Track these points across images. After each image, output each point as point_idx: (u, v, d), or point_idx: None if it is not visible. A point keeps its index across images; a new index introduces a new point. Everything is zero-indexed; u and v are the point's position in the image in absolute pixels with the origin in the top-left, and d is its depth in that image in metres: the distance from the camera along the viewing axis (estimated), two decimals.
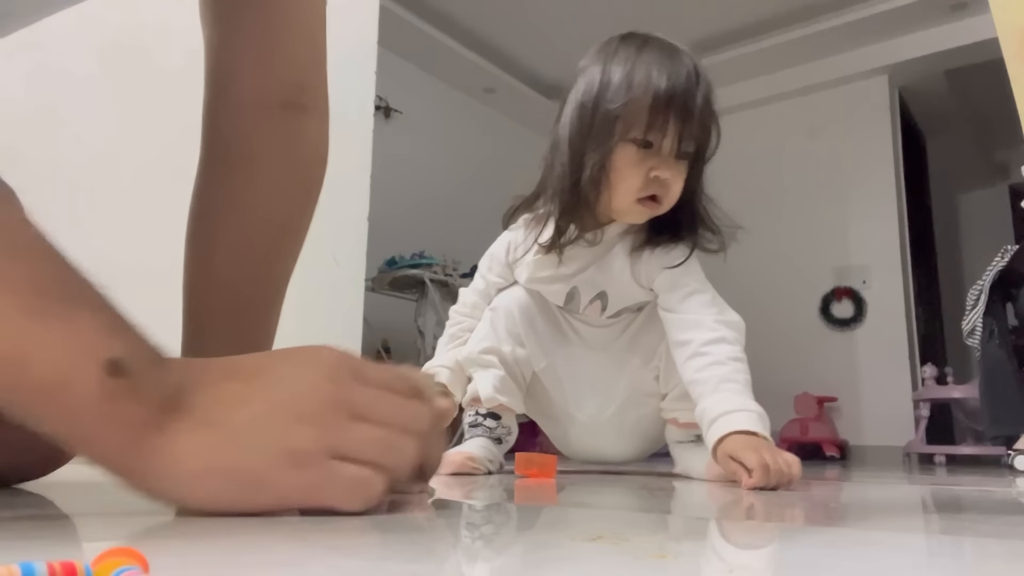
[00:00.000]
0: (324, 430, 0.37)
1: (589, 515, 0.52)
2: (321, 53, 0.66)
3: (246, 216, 0.63)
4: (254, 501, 0.36)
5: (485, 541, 0.37)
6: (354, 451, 0.37)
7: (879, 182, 3.69)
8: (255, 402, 0.36)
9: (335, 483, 0.37)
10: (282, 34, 0.63)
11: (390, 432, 0.38)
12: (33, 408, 0.33)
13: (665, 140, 0.92)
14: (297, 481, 0.36)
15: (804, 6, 3.52)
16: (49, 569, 0.18)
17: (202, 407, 0.36)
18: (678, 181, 0.95)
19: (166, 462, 0.34)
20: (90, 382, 0.33)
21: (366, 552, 0.32)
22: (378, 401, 0.39)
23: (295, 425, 0.36)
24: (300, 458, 0.36)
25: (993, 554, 0.37)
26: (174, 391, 0.35)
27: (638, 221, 1.00)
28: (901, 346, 3.52)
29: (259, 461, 0.35)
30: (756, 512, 0.62)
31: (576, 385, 1.09)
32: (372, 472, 0.37)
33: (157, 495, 0.35)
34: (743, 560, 0.33)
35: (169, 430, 0.34)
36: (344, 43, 1.63)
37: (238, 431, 0.36)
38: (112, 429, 0.34)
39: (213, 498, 0.35)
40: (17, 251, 0.34)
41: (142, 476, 0.35)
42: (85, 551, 0.31)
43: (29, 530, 0.36)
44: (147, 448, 0.34)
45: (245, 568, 0.26)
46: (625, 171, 0.94)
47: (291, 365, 0.39)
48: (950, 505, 0.76)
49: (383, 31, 1.82)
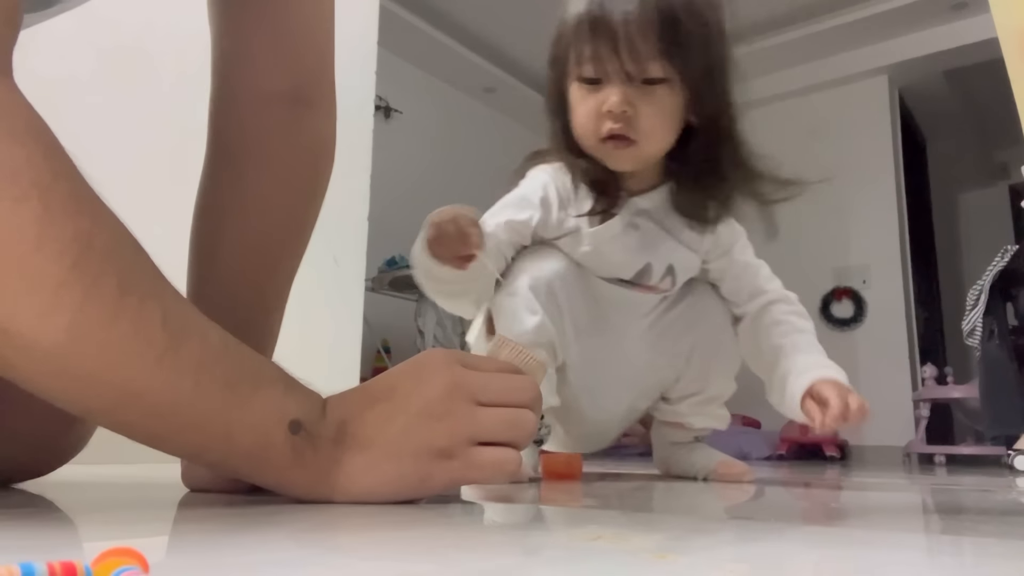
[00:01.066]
0: (458, 424, 0.45)
1: (589, 515, 0.52)
2: (329, 48, 0.67)
3: (252, 211, 0.63)
4: (420, 494, 0.46)
5: (485, 541, 0.37)
6: (487, 435, 0.45)
7: (879, 182, 3.69)
8: (398, 417, 0.45)
9: (479, 466, 0.45)
10: (290, 29, 0.63)
11: (509, 410, 0.46)
12: (241, 469, 0.44)
13: (607, 68, 0.82)
14: (448, 472, 0.45)
15: (804, 6, 3.51)
16: (49, 569, 0.18)
17: (360, 434, 0.44)
18: (648, 113, 0.84)
19: (347, 485, 0.44)
20: (281, 444, 0.42)
21: (366, 552, 0.32)
22: (491, 382, 0.47)
23: (435, 426, 0.44)
24: (446, 452, 0.44)
25: (993, 554, 0.37)
26: (336, 429, 0.44)
27: (620, 166, 0.88)
28: (901, 346, 3.52)
29: (415, 464, 0.44)
30: (756, 512, 0.62)
31: (599, 379, 0.98)
32: (505, 450, 0.46)
33: (344, 502, 0.45)
34: (743, 560, 0.33)
35: (343, 461, 0.44)
36: (344, 43, 1.62)
37: (392, 445, 0.44)
38: (302, 474, 0.43)
39: (387, 497, 0.46)
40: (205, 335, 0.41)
41: (329, 497, 0.45)
42: (85, 551, 0.31)
43: (29, 530, 0.36)
44: (331, 480, 0.44)
45: (245, 568, 0.26)
46: (577, 111, 0.87)
47: (414, 378, 0.47)
48: (950, 505, 0.76)
49: (383, 31, 1.82)
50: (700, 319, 0.98)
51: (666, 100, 0.84)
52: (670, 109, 0.85)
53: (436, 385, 0.46)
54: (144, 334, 0.38)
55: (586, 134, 0.87)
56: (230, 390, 0.41)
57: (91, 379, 0.38)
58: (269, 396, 0.43)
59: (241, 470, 0.44)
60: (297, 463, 0.43)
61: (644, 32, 0.80)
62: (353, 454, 0.44)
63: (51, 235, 0.36)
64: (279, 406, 0.43)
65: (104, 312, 0.37)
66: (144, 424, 0.40)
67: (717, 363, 0.98)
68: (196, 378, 0.40)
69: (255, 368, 0.43)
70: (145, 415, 0.40)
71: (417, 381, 0.46)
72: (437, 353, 0.48)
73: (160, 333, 0.39)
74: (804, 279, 3.79)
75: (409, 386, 0.46)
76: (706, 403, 0.99)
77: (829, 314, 3.68)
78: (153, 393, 0.39)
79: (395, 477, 0.45)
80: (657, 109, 0.84)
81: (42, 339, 0.36)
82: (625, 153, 0.86)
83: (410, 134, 3.65)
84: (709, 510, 0.62)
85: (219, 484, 0.56)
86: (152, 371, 0.38)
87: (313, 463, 0.43)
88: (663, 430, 1.06)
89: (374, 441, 0.44)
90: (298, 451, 0.43)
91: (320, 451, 0.43)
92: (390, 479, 0.45)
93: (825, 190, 3.78)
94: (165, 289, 0.41)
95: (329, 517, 0.44)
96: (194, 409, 0.40)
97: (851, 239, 3.70)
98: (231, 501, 0.51)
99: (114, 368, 0.38)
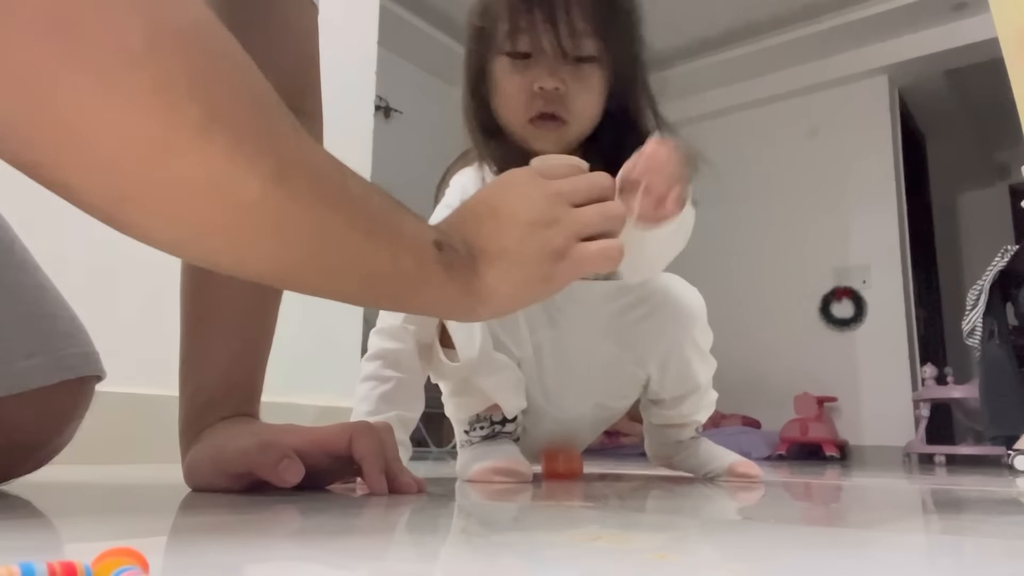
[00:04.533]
0: (565, 226, 0.50)
1: (589, 515, 0.52)
2: (315, 59, 0.68)
3: None
4: (548, 292, 0.51)
5: (485, 541, 0.37)
6: (589, 230, 0.50)
7: (879, 182, 3.69)
8: (511, 230, 0.49)
9: (589, 258, 0.50)
10: (282, 42, 0.64)
11: (600, 204, 0.52)
12: (401, 292, 0.46)
13: (541, 43, 0.79)
14: (566, 268, 0.50)
15: (804, 6, 3.51)
16: (49, 569, 0.18)
17: (486, 248, 0.49)
18: (581, 92, 0.81)
19: (489, 292, 0.48)
20: (435, 260, 0.45)
21: (366, 552, 0.32)
22: (576, 184, 0.52)
23: (546, 232, 0.49)
24: (560, 252, 0.49)
25: (993, 554, 0.37)
26: (466, 246, 0.48)
27: (545, 148, 0.82)
28: (901, 346, 3.52)
29: (539, 267, 0.49)
30: (756, 512, 0.62)
31: (557, 376, 0.93)
32: (608, 241, 0.51)
33: (485, 316, 0.50)
34: (743, 560, 0.33)
35: (480, 272, 0.48)
36: (344, 43, 1.63)
37: (516, 253, 0.49)
38: (454, 285, 0.47)
39: (523, 301, 0.51)
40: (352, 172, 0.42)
41: (474, 308, 0.49)
42: (84, 551, 0.31)
43: (29, 530, 0.36)
44: (475, 288, 0.48)
45: (246, 568, 0.26)
46: (503, 88, 0.83)
47: (511, 195, 0.51)
48: (950, 505, 0.76)
49: (383, 31, 1.82)
50: (671, 320, 0.91)
51: (595, 79, 0.82)
52: (598, 89, 0.83)
53: (535, 196, 0.50)
54: (323, 172, 0.40)
55: (513, 113, 0.84)
56: (389, 219, 0.44)
57: (291, 224, 0.38)
58: (412, 221, 0.46)
59: (404, 293, 0.46)
60: (450, 276, 0.46)
61: (581, 7, 0.79)
62: (487, 266, 0.48)
63: (243, 86, 0.36)
64: (422, 228, 0.46)
65: (293, 155, 0.38)
66: (327, 266, 0.41)
67: (695, 359, 0.93)
68: (366, 210, 0.42)
69: (392, 198, 0.46)
70: (330, 255, 0.41)
71: (516, 196, 0.51)
72: (519, 172, 0.53)
73: (333, 171, 0.40)
74: (804, 279, 3.81)
75: (512, 202, 0.51)
76: (702, 395, 0.98)
77: (829, 314, 3.68)
78: (336, 230, 0.40)
79: (525, 280, 0.49)
80: (587, 88, 0.82)
81: (251, 190, 0.35)
82: (553, 135, 0.83)
83: (410, 134, 3.65)
84: (709, 510, 0.62)
85: (219, 482, 0.57)
86: (335, 207, 0.40)
87: (461, 275, 0.47)
88: (665, 432, 1.02)
89: (500, 252, 0.49)
90: (448, 265, 0.46)
91: (463, 264, 0.47)
92: (522, 283, 0.49)
93: (825, 190, 3.78)
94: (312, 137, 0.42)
95: (329, 517, 0.44)
96: (368, 241, 0.42)
97: (851, 239, 3.70)
98: (231, 501, 0.51)
99: (307, 208, 0.38)
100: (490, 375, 0.85)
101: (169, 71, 0.32)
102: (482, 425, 0.91)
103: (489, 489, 0.72)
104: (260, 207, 0.36)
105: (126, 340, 0.99)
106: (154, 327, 0.62)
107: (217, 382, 0.62)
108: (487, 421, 0.90)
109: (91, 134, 0.31)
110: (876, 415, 3.48)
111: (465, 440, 0.93)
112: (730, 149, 3.98)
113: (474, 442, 0.91)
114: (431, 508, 0.53)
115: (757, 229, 3.86)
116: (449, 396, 0.94)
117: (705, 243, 3.62)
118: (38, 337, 0.58)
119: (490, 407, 0.89)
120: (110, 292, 1.12)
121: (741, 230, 3.87)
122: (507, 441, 0.91)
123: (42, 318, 0.59)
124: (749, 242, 3.86)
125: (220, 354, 0.62)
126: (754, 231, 3.87)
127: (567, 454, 0.96)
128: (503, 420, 0.90)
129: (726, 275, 3.72)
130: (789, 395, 3.37)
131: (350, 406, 0.85)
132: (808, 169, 3.82)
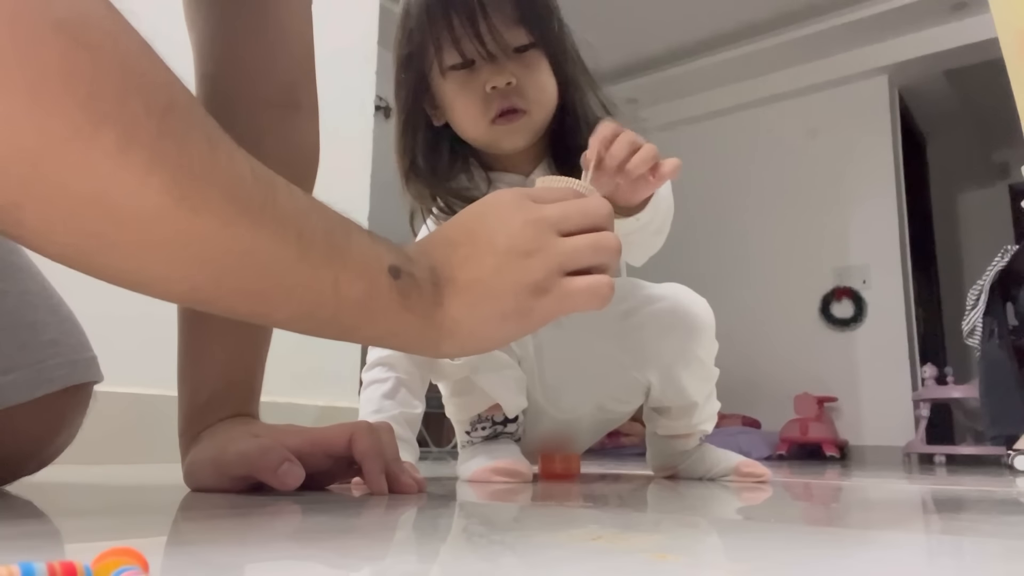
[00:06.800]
0: (548, 256, 0.44)
1: (589, 515, 0.52)
2: (311, 51, 0.67)
3: None
4: (524, 330, 0.46)
5: (486, 541, 0.37)
6: (576, 263, 0.45)
7: (879, 182, 3.68)
8: (486, 258, 0.44)
9: (575, 294, 0.45)
10: (276, 35, 0.64)
11: (592, 235, 0.46)
12: (350, 323, 0.41)
13: (477, 46, 0.80)
14: (547, 304, 0.44)
15: (804, 6, 3.51)
16: (49, 569, 0.18)
17: (454, 277, 0.44)
18: (532, 79, 0.82)
19: (452, 325, 0.43)
20: (387, 289, 0.41)
21: (366, 552, 0.32)
22: (567, 211, 0.47)
23: (526, 262, 0.44)
24: (541, 286, 0.44)
25: (993, 554, 0.37)
26: (431, 273, 0.43)
27: (514, 143, 0.85)
28: (901, 346, 3.52)
29: (515, 301, 0.44)
30: (756, 512, 0.62)
31: (557, 375, 0.93)
32: (597, 276, 0.45)
33: (452, 353, 0.46)
34: (743, 560, 0.33)
35: (444, 301, 0.43)
36: (344, 43, 1.63)
37: (488, 284, 0.44)
38: (411, 317, 0.42)
39: (495, 338, 0.45)
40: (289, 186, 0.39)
41: (438, 344, 0.44)
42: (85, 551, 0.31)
43: (29, 530, 0.36)
44: (437, 321, 0.43)
45: (245, 568, 0.26)
46: (457, 101, 0.84)
47: (491, 218, 0.46)
48: (950, 505, 0.76)
49: (383, 31, 1.82)
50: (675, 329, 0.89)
51: (540, 64, 0.84)
52: (547, 71, 0.84)
53: (516, 222, 0.45)
54: (241, 187, 0.36)
55: (473, 121, 0.84)
56: (329, 239, 0.39)
57: (197, 243, 0.34)
58: (364, 243, 0.41)
59: (351, 323, 0.41)
60: (405, 307, 0.42)
61: (498, 1, 0.80)
62: (453, 297, 0.43)
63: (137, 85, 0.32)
64: (375, 252, 0.41)
65: (202, 166, 0.34)
66: (252, 291, 0.37)
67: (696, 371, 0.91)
68: (298, 229, 0.37)
69: (341, 218, 0.41)
70: (254, 278, 0.37)
71: (496, 220, 0.46)
72: (504, 194, 0.48)
73: (254, 185, 0.36)
74: (804, 279, 3.81)
75: (490, 227, 0.45)
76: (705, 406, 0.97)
77: (829, 314, 3.68)
78: (260, 251, 0.36)
79: (497, 315, 0.44)
80: (537, 73, 0.83)
81: (143, 204, 0.32)
82: (518, 126, 0.83)
83: None
84: (709, 510, 0.62)
85: (219, 484, 0.56)
86: (257, 225, 0.35)
87: (419, 306, 0.42)
88: (670, 443, 0.99)
89: (469, 282, 0.44)
90: (404, 294, 0.42)
91: (423, 293, 0.42)
92: (492, 317, 0.44)
93: (825, 190, 3.78)
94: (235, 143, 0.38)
95: (329, 517, 0.44)
96: (302, 263, 0.38)
97: (851, 239, 3.70)
98: (231, 501, 0.51)
99: (219, 226, 0.34)
100: (491, 374, 0.86)
101: (42, 68, 0.29)
102: (484, 425, 0.90)
103: (489, 489, 0.72)
104: (159, 222, 0.32)
105: (126, 340, 0.99)
106: (154, 327, 0.62)
107: (216, 382, 0.62)
108: (488, 421, 0.90)
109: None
110: (876, 415, 3.48)
111: (466, 440, 0.93)
112: (730, 149, 3.98)
113: (475, 442, 0.91)
114: (431, 508, 0.53)
115: (757, 229, 3.86)
116: (450, 397, 0.93)
117: (705, 243, 3.65)
118: (18, 350, 0.56)
119: (491, 407, 0.88)
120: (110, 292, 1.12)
121: (741, 230, 3.87)
122: (508, 441, 0.91)
123: (23, 328, 0.57)
124: (749, 242, 3.86)
125: (217, 353, 0.62)
126: (754, 231, 3.87)
127: (564, 455, 0.96)
128: (504, 420, 0.90)
129: (726, 275, 3.72)
130: (789, 395, 3.37)
131: (350, 406, 0.86)
132: (808, 169, 3.82)
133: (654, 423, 0.99)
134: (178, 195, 0.32)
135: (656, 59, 3.90)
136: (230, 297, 0.37)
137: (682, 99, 4.11)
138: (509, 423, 0.90)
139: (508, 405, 0.87)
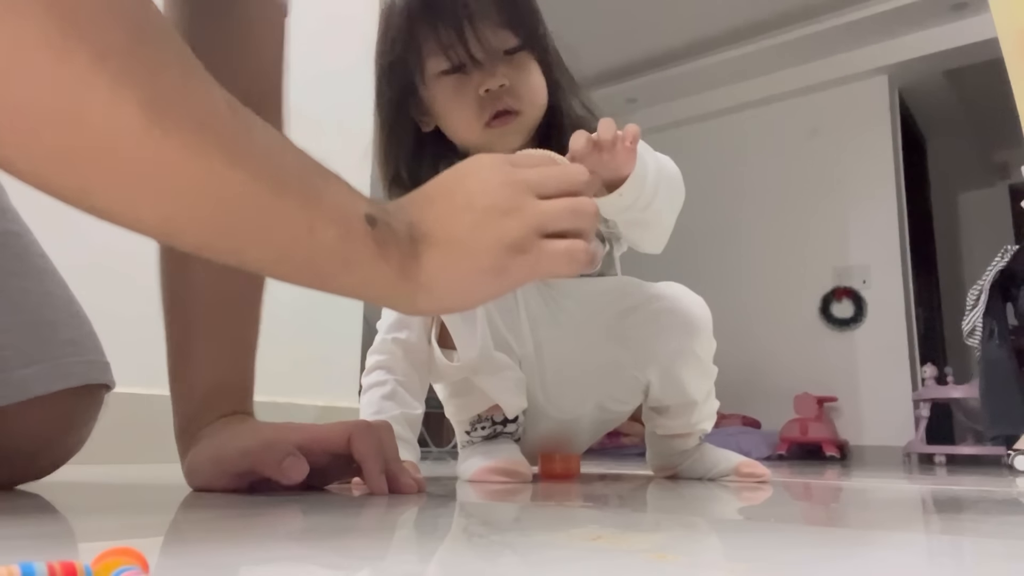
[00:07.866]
0: (526, 216, 0.44)
1: (589, 515, 0.52)
2: (281, 64, 0.67)
3: None
4: (500, 288, 0.45)
5: (485, 541, 0.37)
6: (554, 225, 0.45)
7: (879, 182, 3.68)
8: (464, 215, 0.44)
9: (551, 258, 0.45)
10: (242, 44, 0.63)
11: (571, 199, 0.46)
12: (326, 268, 0.40)
13: (467, 53, 0.80)
14: (524, 264, 0.44)
15: (804, 6, 3.51)
16: (49, 569, 0.18)
17: (432, 232, 0.43)
18: (524, 79, 0.83)
19: (427, 280, 0.43)
20: (363, 235, 0.40)
21: (366, 552, 0.32)
22: (547, 175, 0.47)
23: (504, 220, 0.44)
24: (518, 246, 0.44)
25: (993, 554, 0.37)
26: (408, 226, 0.43)
27: (510, 143, 0.84)
28: (901, 346, 3.52)
29: (491, 259, 0.43)
30: (756, 512, 0.62)
31: (557, 375, 0.92)
32: (575, 240, 0.45)
33: (428, 309, 0.45)
34: (743, 560, 0.33)
35: (421, 256, 0.43)
36: (344, 45, 1.63)
37: (465, 241, 0.43)
38: (386, 266, 0.41)
39: (472, 295, 0.45)
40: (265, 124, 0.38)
41: (413, 298, 0.43)
42: (85, 551, 0.31)
43: (29, 530, 0.36)
44: (412, 273, 0.42)
45: (246, 568, 0.26)
46: (450, 105, 0.84)
47: (470, 177, 0.46)
48: (950, 505, 0.76)
49: None
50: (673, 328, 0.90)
51: (530, 64, 0.84)
52: (536, 72, 0.85)
53: (496, 182, 0.45)
54: (216, 118, 0.35)
55: (468, 125, 0.84)
56: (305, 181, 0.39)
57: (168, 170, 0.33)
58: (341, 189, 0.41)
59: (326, 269, 0.40)
60: (381, 255, 0.41)
61: (480, 5, 0.81)
62: (429, 251, 0.43)
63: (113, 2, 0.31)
64: (352, 199, 0.41)
65: (175, 92, 0.33)
66: (224, 226, 0.36)
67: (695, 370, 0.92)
68: (274, 166, 0.37)
69: (319, 164, 0.41)
70: (225, 213, 0.36)
71: (475, 180, 0.46)
72: (485, 157, 0.48)
73: (230, 118, 0.36)
74: (804, 279, 3.81)
75: (469, 185, 0.45)
76: (704, 404, 0.97)
77: (829, 314, 3.68)
78: (233, 184, 0.35)
79: (473, 272, 0.44)
80: (528, 73, 0.84)
81: (113, 124, 0.31)
82: (512, 127, 0.84)
83: None
84: (709, 510, 0.62)
85: (221, 481, 0.57)
86: (230, 156, 0.35)
87: (395, 257, 0.42)
88: (670, 443, 0.99)
89: (447, 238, 0.43)
90: (380, 243, 0.41)
91: (399, 243, 0.42)
92: (468, 274, 0.44)
93: (825, 190, 3.78)
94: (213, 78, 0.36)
95: (329, 517, 0.44)
96: (277, 200, 0.37)
97: (851, 239, 3.70)
98: (231, 501, 0.51)
99: (190, 155, 0.33)
100: (491, 375, 0.85)
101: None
102: (483, 425, 0.90)
103: (489, 489, 0.72)
104: (129, 144, 0.32)
105: (126, 340, 0.99)
106: (154, 327, 0.62)
107: (209, 380, 0.61)
108: (488, 421, 0.90)
109: None
110: (876, 415, 3.48)
111: (466, 440, 0.93)
112: (730, 149, 3.98)
113: (475, 442, 0.91)
114: (431, 508, 0.53)
115: (757, 229, 3.86)
116: (449, 398, 0.93)
117: (705, 243, 3.65)
118: (38, 345, 0.57)
119: (491, 407, 0.88)
120: (110, 292, 1.12)
121: (741, 230, 3.87)
122: (508, 441, 0.91)
123: (44, 326, 0.58)
124: (749, 242, 3.86)
125: (208, 351, 0.61)
126: (754, 231, 3.87)
127: (564, 455, 0.96)
128: (504, 420, 0.90)
129: (726, 275, 3.72)
130: (789, 395, 3.37)
131: (350, 406, 0.86)
132: (808, 169, 3.82)
133: (653, 423, 0.99)
134: (150, 118, 0.32)
135: (655, 59, 3.90)
136: (200, 231, 0.36)
137: (681, 99, 4.11)
138: (509, 423, 0.90)
139: (508, 406, 0.87)
